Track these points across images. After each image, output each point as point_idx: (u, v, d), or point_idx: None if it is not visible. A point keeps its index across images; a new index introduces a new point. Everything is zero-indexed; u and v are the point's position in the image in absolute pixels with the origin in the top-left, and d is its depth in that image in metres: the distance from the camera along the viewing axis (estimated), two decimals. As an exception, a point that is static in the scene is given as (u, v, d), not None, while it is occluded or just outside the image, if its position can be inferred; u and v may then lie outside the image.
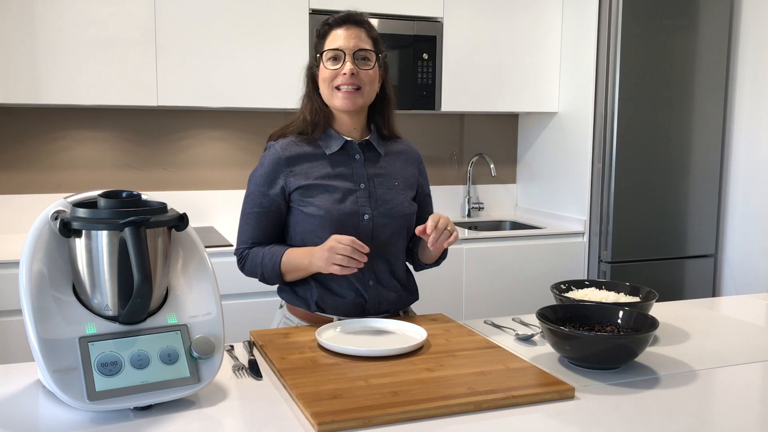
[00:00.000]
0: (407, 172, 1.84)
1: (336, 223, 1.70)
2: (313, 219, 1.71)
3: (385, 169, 1.80)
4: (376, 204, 1.75)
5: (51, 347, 1.18)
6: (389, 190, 1.77)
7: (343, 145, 1.76)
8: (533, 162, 3.84)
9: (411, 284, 1.87)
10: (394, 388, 1.29)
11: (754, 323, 1.85)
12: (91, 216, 1.22)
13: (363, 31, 1.72)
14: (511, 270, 3.29)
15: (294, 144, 1.76)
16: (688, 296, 3.45)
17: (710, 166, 3.46)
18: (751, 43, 3.39)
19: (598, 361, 1.43)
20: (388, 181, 1.78)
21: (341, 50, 1.69)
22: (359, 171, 1.76)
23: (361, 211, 1.73)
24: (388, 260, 1.78)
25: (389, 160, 1.82)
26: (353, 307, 1.75)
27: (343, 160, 1.76)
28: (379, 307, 1.77)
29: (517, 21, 3.46)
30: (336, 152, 1.76)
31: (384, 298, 1.77)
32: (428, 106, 3.33)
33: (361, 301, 1.75)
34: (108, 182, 3.20)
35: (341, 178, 1.74)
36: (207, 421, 1.20)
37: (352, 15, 1.73)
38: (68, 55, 2.77)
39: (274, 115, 3.37)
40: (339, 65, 1.69)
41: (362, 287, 1.74)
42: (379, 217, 1.74)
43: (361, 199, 1.73)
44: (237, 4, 2.99)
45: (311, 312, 1.76)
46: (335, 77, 1.69)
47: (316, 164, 1.75)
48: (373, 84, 1.74)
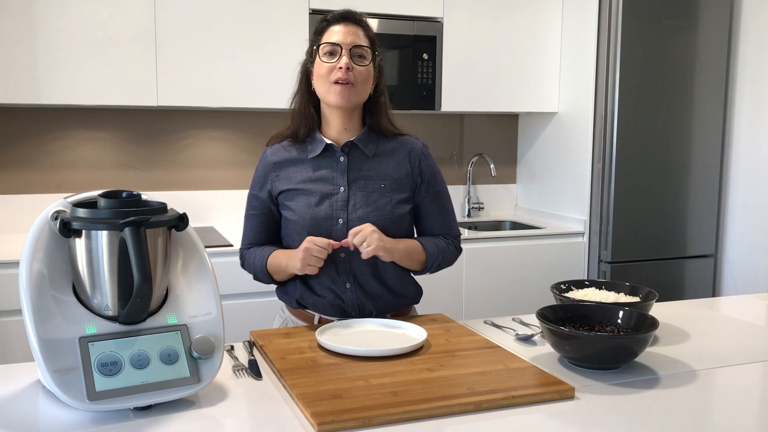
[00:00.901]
0: (399, 172, 1.78)
1: (309, 227, 1.72)
2: (291, 223, 1.76)
3: (373, 171, 1.76)
4: (354, 208, 1.73)
5: (51, 347, 1.18)
6: (372, 193, 1.74)
7: (326, 147, 1.76)
8: (533, 162, 3.84)
9: (409, 288, 1.82)
10: (394, 388, 1.29)
11: (754, 323, 1.85)
12: (91, 216, 1.22)
13: (360, 30, 1.73)
14: (511, 270, 3.29)
15: (283, 149, 1.80)
16: (688, 296, 3.45)
17: (710, 166, 3.46)
18: (751, 43, 3.39)
19: (598, 361, 1.43)
20: (373, 183, 1.75)
21: (338, 45, 1.70)
22: (340, 174, 1.75)
23: (336, 215, 1.73)
24: (371, 264, 1.74)
25: (379, 160, 1.78)
26: (332, 308, 1.76)
27: (326, 164, 1.76)
28: (361, 310, 1.76)
29: (517, 21, 3.46)
30: (320, 155, 1.76)
31: (365, 301, 1.76)
32: (428, 106, 3.33)
33: (339, 302, 1.75)
34: (108, 182, 3.20)
35: (321, 182, 1.75)
36: (207, 421, 1.20)
37: (351, 13, 1.74)
38: (68, 55, 2.77)
39: (274, 115, 3.37)
40: (335, 59, 1.70)
41: (339, 290, 1.75)
42: (355, 221, 1.72)
43: (339, 203, 1.73)
44: (237, 4, 2.99)
45: (293, 308, 1.81)
46: (331, 71, 1.69)
47: (300, 168, 1.77)
48: (367, 82, 1.73)
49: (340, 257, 1.73)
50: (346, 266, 1.74)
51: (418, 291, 1.85)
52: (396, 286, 1.79)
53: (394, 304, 1.80)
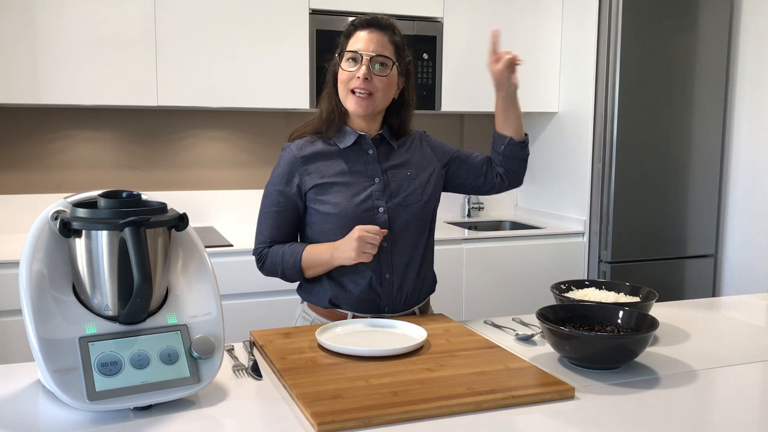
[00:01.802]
0: (419, 157, 1.87)
1: (352, 220, 1.73)
2: (330, 217, 1.75)
3: (399, 160, 1.83)
4: (390, 196, 1.78)
5: (51, 347, 1.18)
6: (403, 181, 1.80)
7: (357, 139, 1.78)
8: (533, 162, 3.83)
9: (430, 277, 1.89)
10: (394, 388, 1.29)
11: (754, 323, 1.85)
12: (91, 216, 1.22)
13: (386, 36, 1.74)
14: (511, 270, 3.29)
15: (309, 143, 1.80)
16: (688, 296, 3.45)
17: (710, 166, 3.46)
18: (751, 43, 3.39)
19: (598, 361, 1.43)
20: (402, 172, 1.82)
21: (359, 53, 1.71)
22: (373, 165, 1.79)
23: (376, 204, 1.76)
24: (408, 252, 1.80)
25: (402, 151, 1.85)
26: (366, 304, 1.77)
27: (357, 156, 1.79)
28: (395, 303, 1.79)
29: (517, 21, 3.46)
30: (349, 148, 1.79)
31: (399, 292, 1.79)
32: (428, 106, 3.33)
33: (374, 296, 1.77)
34: (108, 182, 3.20)
35: (356, 174, 1.77)
36: (207, 421, 1.20)
37: (378, 19, 1.75)
38: (68, 55, 2.77)
39: (274, 115, 3.37)
40: (355, 68, 1.72)
41: (378, 281, 1.77)
42: (394, 209, 1.77)
43: (376, 193, 1.77)
44: (237, 4, 2.99)
45: (324, 308, 1.80)
46: (350, 79, 1.72)
47: (331, 162, 1.78)
48: (388, 90, 1.76)
49: (382, 246, 1.75)
50: (387, 256, 1.77)
51: (435, 281, 1.92)
52: (425, 274, 1.85)
53: (422, 292, 1.85)
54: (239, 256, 2.74)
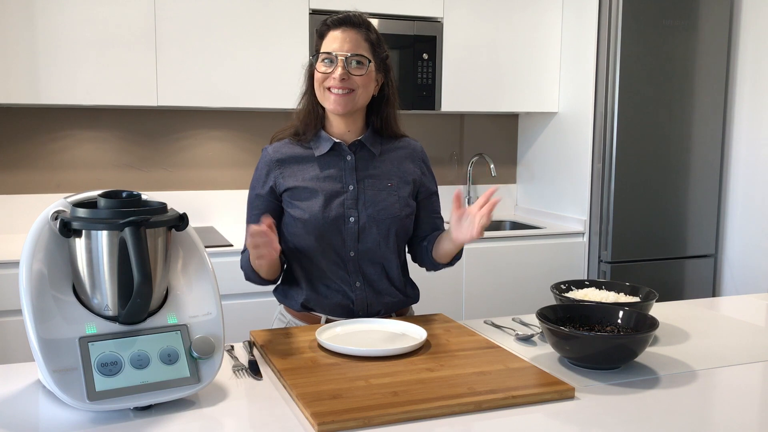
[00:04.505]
0: (404, 171, 1.80)
1: (320, 227, 1.71)
2: (299, 222, 1.73)
3: (379, 170, 1.78)
4: (364, 206, 1.74)
5: (51, 347, 1.18)
6: (380, 192, 1.76)
7: (333, 146, 1.75)
8: (533, 162, 3.84)
9: (408, 287, 1.85)
10: (394, 388, 1.29)
11: (754, 323, 1.85)
12: (91, 216, 1.22)
13: (360, 34, 1.70)
14: (511, 270, 3.29)
15: (286, 146, 1.78)
16: (688, 296, 3.45)
17: (710, 166, 3.46)
18: (751, 43, 3.39)
19: (598, 361, 1.43)
20: (380, 182, 1.77)
21: (333, 54, 1.69)
22: (349, 173, 1.75)
23: (347, 214, 1.73)
24: (379, 262, 1.77)
25: (385, 159, 1.80)
26: (340, 308, 1.76)
27: (333, 162, 1.76)
28: (369, 309, 1.77)
29: (517, 21, 3.46)
30: (326, 154, 1.75)
31: (373, 300, 1.77)
32: (428, 106, 3.33)
33: (348, 302, 1.76)
34: (108, 182, 3.20)
35: (330, 180, 1.74)
36: (207, 421, 1.20)
37: (350, 17, 1.72)
38: (68, 55, 2.77)
39: (274, 115, 3.37)
40: (331, 68, 1.69)
41: (348, 289, 1.75)
42: (366, 220, 1.73)
43: (349, 202, 1.73)
44: (237, 4, 2.98)
45: (297, 311, 1.79)
46: (326, 79, 1.69)
47: (306, 166, 1.76)
48: (366, 87, 1.72)
49: (349, 256, 1.74)
50: (356, 264, 1.75)
51: (416, 290, 1.87)
52: (400, 284, 1.81)
53: (399, 302, 1.81)
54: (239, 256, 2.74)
